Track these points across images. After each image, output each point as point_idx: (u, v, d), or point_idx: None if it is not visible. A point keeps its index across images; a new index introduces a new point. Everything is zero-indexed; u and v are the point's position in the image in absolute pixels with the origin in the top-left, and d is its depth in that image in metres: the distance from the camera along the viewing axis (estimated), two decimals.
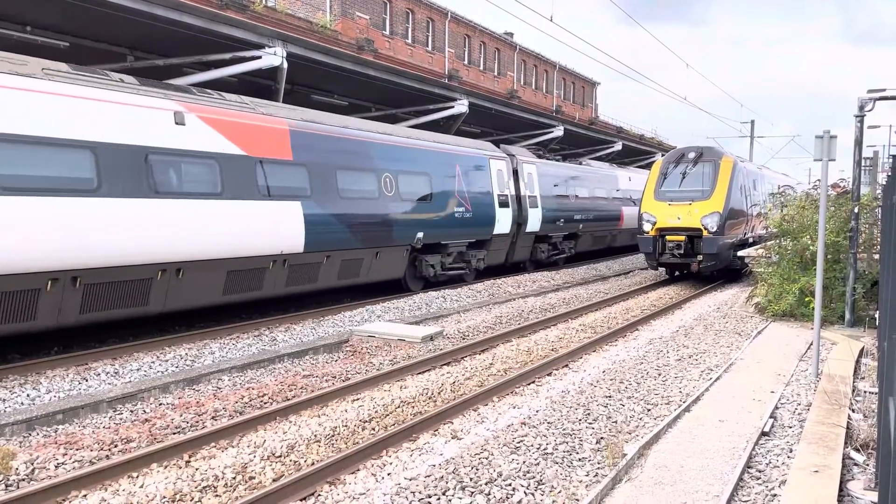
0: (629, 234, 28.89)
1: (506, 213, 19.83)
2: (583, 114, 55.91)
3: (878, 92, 14.25)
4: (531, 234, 21.69)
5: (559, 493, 5.76)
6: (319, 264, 13.44)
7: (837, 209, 14.60)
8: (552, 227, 22.91)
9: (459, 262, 18.40)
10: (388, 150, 15.71)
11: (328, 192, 13.64)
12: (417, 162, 16.67)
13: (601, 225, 27.07)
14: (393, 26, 37.28)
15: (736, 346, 11.81)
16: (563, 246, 24.50)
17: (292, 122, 13.24)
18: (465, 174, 18.21)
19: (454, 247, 17.92)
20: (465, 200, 18.05)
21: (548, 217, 22.42)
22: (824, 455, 6.34)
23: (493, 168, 19.73)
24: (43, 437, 7.13)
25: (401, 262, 16.05)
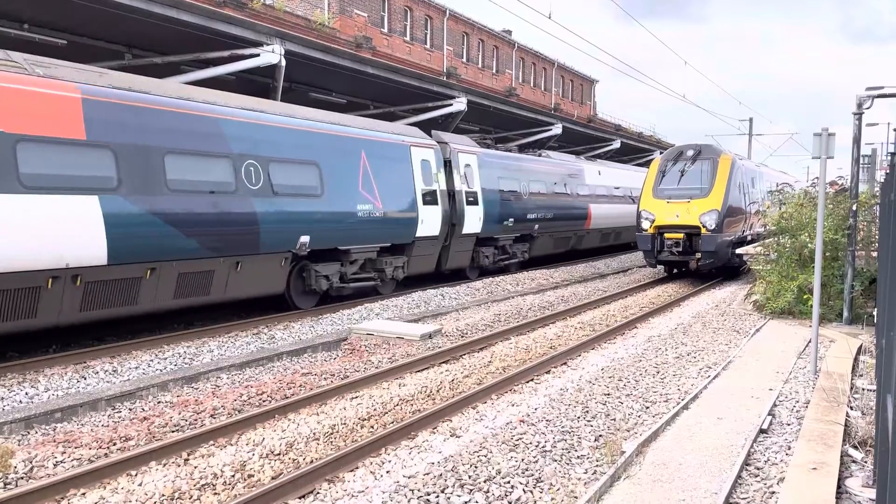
0: (599, 235, 27.20)
1: (433, 211, 16.73)
2: (581, 111, 55.92)
3: (876, 90, 14.25)
4: (470, 236, 18.67)
5: (558, 491, 5.76)
6: (139, 280, 10.42)
7: (836, 207, 14.61)
8: (498, 228, 19.96)
9: (370, 270, 15.37)
10: (252, 131, 12.30)
11: (150, 183, 10.52)
12: (300, 147, 13.20)
13: (563, 225, 24.19)
14: (391, 24, 37.25)
15: (734, 343, 11.81)
16: (515, 249, 21.59)
17: (89, 89, 9.94)
18: (374, 164, 14.99)
19: (359, 253, 14.70)
20: (374, 196, 14.90)
21: (492, 216, 19.45)
22: (823, 452, 6.35)
23: (415, 157, 16.49)
24: (41, 435, 7.12)
25: (278, 273, 12.79)
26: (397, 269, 16.11)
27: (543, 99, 51.99)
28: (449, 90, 20.49)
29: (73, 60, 10.75)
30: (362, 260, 14.96)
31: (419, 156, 16.70)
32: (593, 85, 63.63)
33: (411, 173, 16.24)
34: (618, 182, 29.08)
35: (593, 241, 27.23)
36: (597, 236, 27.22)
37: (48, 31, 12.43)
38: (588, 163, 27.50)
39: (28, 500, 5.43)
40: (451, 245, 17.96)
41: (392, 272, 15.91)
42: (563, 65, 56.29)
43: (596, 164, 28.14)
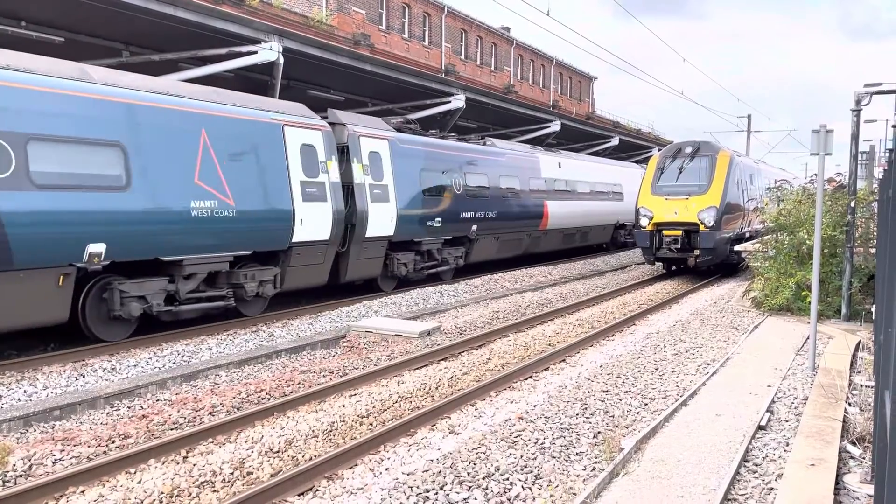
0: (560, 236, 24.36)
1: (319, 210, 13.31)
2: (580, 108, 55.90)
3: (874, 86, 14.25)
4: (378, 240, 15.31)
5: (556, 488, 5.77)
6: None
7: (834, 203, 14.62)
8: (421, 229, 16.80)
9: (222, 287, 12.04)
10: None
11: None
12: (91, 121, 9.82)
13: (511, 225, 20.94)
14: (389, 21, 37.20)
15: (733, 340, 11.83)
16: (446, 255, 18.15)
17: None
18: (221, 147, 11.58)
19: (199, 265, 11.38)
20: (222, 189, 11.53)
21: (411, 215, 16.31)
22: (821, 448, 6.36)
23: (291, 140, 12.90)
24: (40, 433, 7.12)
25: (54, 296, 9.39)
26: (264, 285, 12.53)
27: (542, 96, 51.98)
28: (447, 87, 20.47)
29: (71, 58, 10.73)
30: (205, 274, 11.57)
31: (298, 139, 13.08)
32: (592, 82, 63.61)
33: (285, 161, 12.65)
34: (586, 176, 26.26)
35: (553, 243, 24.23)
36: (557, 237, 24.23)
37: (45, 28, 12.41)
38: (546, 153, 24.19)
39: (27, 498, 5.43)
40: (349, 251, 14.56)
41: (255, 289, 12.35)
42: (561, 62, 56.26)
43: (556, 156, 24.82)
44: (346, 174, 14.53)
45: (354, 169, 14.69)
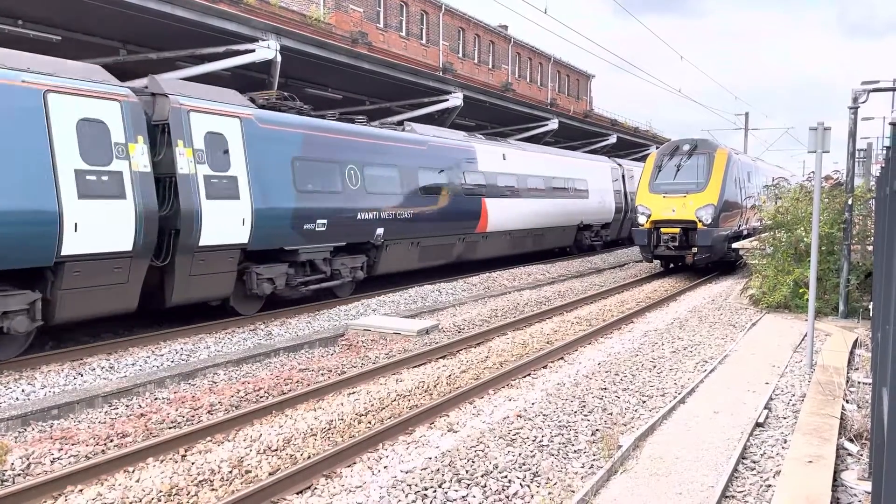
0: (506, 239, 20.79)
1: (110, 209, 9.93)
2: (577, 106, 55.89)
3: (871, 84, 14.27)
4: (224, 249, 11.69)
5: (555, 485, 5.78)
6: None
7: (831, 201, 14.64)
8: (294, 234, 13.05)
9: None
10: None
11: None
12: None
13: (435, 228, 17.32)
14: (387, 19, 37.17)
15: (730, 337, 11.84)
16: (339, 266, 14.39)
17: None
18: None
19: None
20: None
21: (276, 217, 12.58)
22: (818, 445, 6.37)
23: (60, 113, 9.51)
24: (38, 432, 7.12)
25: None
26: (15, 317, 9.06)
27: (539, 94, 51.95)
28: (445, 85, 20.47)
29: (68, 57, 10.71)
30: None
31: (77, 111, 9.70)
32: (589, 80, 63.58)
33: (47, 141, 9.27)
34: (539, 170, 22.63)
35: (497, 248, 20.47)
36: (502, 241, 20.60)
37: (43, 27, 12.39)
38: (485, 143, 20.44)
39: (25, 497, 5.43)
40: (175, 266, 11.06)
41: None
42: (559, 60, 56.23)
43: (499, 146, 21.09)
44: (164, 161, 11.04)
45: (178, 155, 11.00)
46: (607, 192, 27.87)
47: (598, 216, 27.05)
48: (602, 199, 27.24)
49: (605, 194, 27.64)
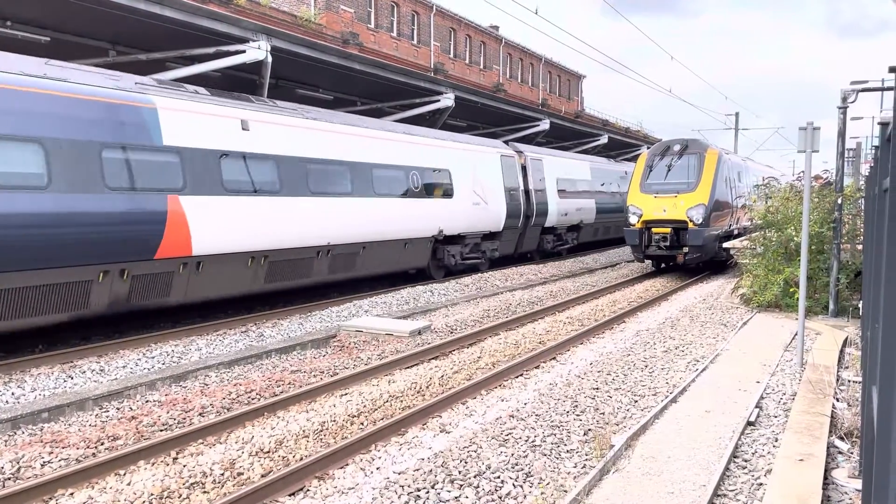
0: (241, 272, 12.23)
1: None
2: (568, 107, 56.01)
3: (860, 84, 14.37)
4: None
5: (547, 485, 5.78)
6: None
7: (821, 200, 14.72)
8: None
9: None
10: None
11: None
12: None
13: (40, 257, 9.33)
14: (378, 20, 37.14)
15: (722, 337, 11.89)
16: None
17: None
18: None
19: None
20: None
21: None
22: (809, 444, 6.41)
23: None
24: (28, 435, 7.07)
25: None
26: None
27: (531, 95, 52.03)
28: (436, 86, 20.45)
29: (57, 58, 10.65)
30: None
31: None
32: (580, 80, 63.73)
33: None
34: (336, 151, 14.65)
35: (222, 286, 12.12)
36: (237, 274, 12.26)
37: (31, 28, 12.31)
38: (186, 97, 11.76)
39: (15, 501, 5.39)
40: None
41: None
42: (550, 60, 56.34)
43: (231, 105, 12.49)
44: None
45: None
46: (493, 192, 20.07)
47: (473, 223, 19.08)
48: (481, 200, 19.39)
49: (490, 193, 19.87)
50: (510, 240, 21.53)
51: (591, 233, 28.09)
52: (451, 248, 18.59)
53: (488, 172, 20.16)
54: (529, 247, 23.20)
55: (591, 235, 28.42)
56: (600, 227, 28.67)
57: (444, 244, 18.27)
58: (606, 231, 29.68)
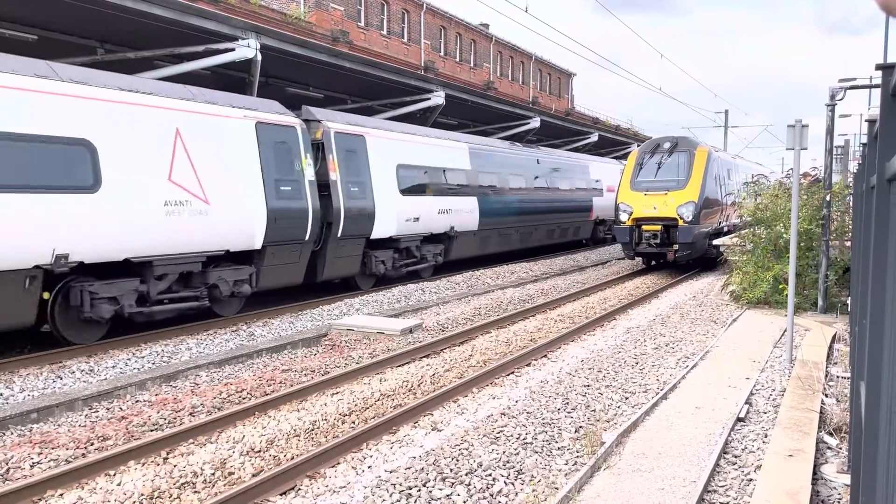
0: None
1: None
2: (559, 105, 56.10)
3: (848, 81, 14.46)
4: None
5: (539, 482, 5.80)
6: None
7: (810, 197, 14.82)
8: None
9: None
10: None
11: None
12: None
13: None
14: (368, 17, 37.06)
15: (712, 333, 11.94)
16: None
17: None
18: None
19: None
20: None
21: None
22: (798, 439, 6.45)
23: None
24: (17, 436, 7.03)
25: None
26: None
27: (521, 92, 52.08)
28: (427, 84, 20.43)
29: (44, 57, 10.57)
30: None
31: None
32: (571, 78, 63.83)
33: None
34: None
35: None
36: None
37: (18, 26, 12.21)
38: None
39: (4, 502, 5.36)
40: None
41: None
42: (540, 58, 56.39)
43: None
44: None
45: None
46: (236, 184, 12.15)
47: (173, 238, 11.06)
48: (196, 198, 11.43)
49: (228, 186, 12.00)
50: (288, 262, 13.42)
51: (477, 243, 20.18)
52: (103, 287, 10.21)
53: (224, 149, 12.00)
54: (342, 271, 15.27)
55: (481, 247, 20.53)
56: (513, 231, 22.28)
57: (81, 281, 10.03)
58: (526, 237, 23.38)
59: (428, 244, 18.05)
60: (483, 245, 20.65)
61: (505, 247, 22.09)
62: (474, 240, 19.97)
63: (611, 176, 30.63)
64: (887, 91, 2.45)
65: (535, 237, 24.09)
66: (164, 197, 10.88)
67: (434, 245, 18.26)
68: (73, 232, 9.53)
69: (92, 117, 9.99)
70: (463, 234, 19.23)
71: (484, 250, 20.94)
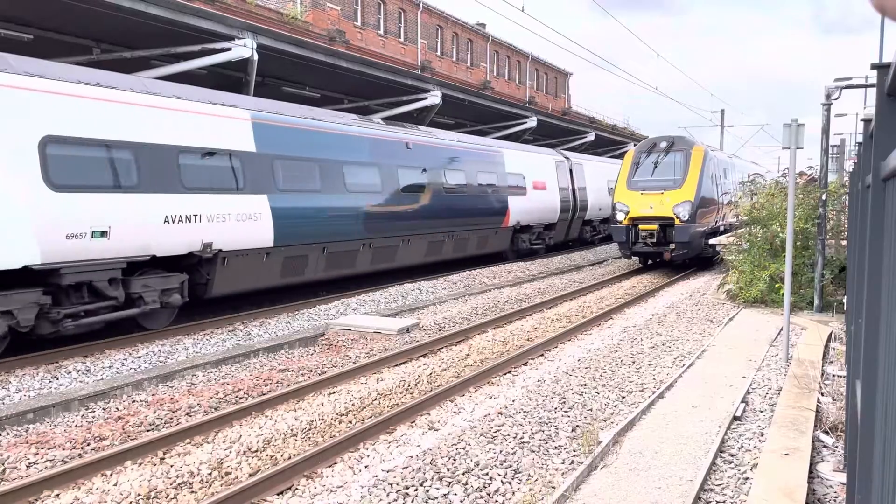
0: None
1: None
2: (556, 104, 56.12)
3: (844, 81, 14.49)
4: None
5: (536, 482, 5.80)
6: None
7: (806, 197, 14.84)
8: None
9: None
10: None
11: None
12: None
13: None
14: (364, 17, 37.04)
15: (708, 332, 11.96)
16: None
17: None
18: None
19: None
20: None
21: None
22: (795, 438, 6.46)
23: None
24: (13, 436, 7.01)
25: None
26: None
27: (518, 92, 52.08)
28: (423, 84, 20.43)
29: (40, 56, 10.55)
30: None
31: None
32: (567, 78, 63.84)
33: None
34: None
35: None
36: None
37: (13, 25, 12.19)
38: None
39: (0, 503, 5.35)
40: None
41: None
42: (537, 58, 56.39)
43: None
44: None
45: None
46: None
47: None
48: None
49: None
50: None
51: (273, 268, 13.23)
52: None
53: None
54: None
55: (284, 272, 13.56)
56: (362, 247, 15.47)
57: None
58: (388, 254, 16.48)
59: (153, 275, 11.07)
60: (290, 270, 13.70)
61: (342, 269, 15.20)
62: (267, 264, 13.03)
63: (542, 169, 24.07)
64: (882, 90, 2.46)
65: (407, 253, 17.31)
66: None
67: (163, 277, 11.25)
68: None
69: None
70: (239, 255, 12.35)
71: (294, 277, 13.93)
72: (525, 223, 22.93)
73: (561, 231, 26.01)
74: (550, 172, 24.71)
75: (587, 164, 28.73)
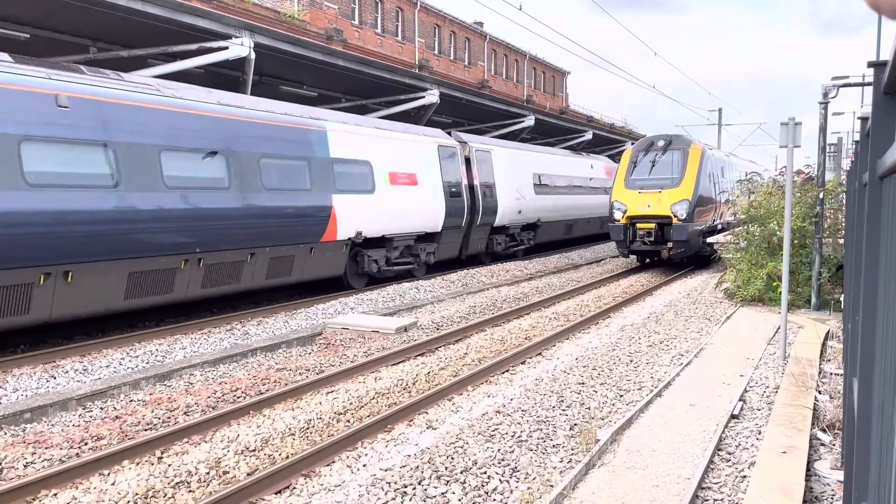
0: None
1: None
2: (553, 103, 56.11)
3: (841, 79, 14.51)
4: None
5: (534, 480, 5.80)
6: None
7: (803, 195, 14.85)
8: None
9: None
10: None
11: None
12: None
13: None
14: (362, 16, 37.02)
15: (706, 331, 11.97)
16: None
17: None
18: None
19: None
20: None
21: None
22: (792, 436, 6.47)
23: None
24: (10, 436, 7.00)
25: None
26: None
27: (516, 91, 52.07)
28: (421, 83, 20.43)
29: (37, 55, 10.53)
30: None
31: None
32: (565, 76, 63.85)
33: None
34: None
35: None
36: None
37: (10, 24, 12.16)
38: None
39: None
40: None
41: None
42: (534, 57, 56.38)
43: None
44: None
45: None
46: None
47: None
48: None
49: None
50: None
51: None
52: None
53: None
54: None
55: None
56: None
57: None
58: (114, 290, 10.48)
59: None
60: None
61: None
62: None
63: (410, 156, 17.45)
64: (879, 89, 2.46)
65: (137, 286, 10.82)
66: None
67: None
68: None
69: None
70: None
71: None
72: (374, 234, 15.85)
73: (451, 243, 19.44)
74: (428, 161, 18.09)
75: (499, 152, 22.04)
